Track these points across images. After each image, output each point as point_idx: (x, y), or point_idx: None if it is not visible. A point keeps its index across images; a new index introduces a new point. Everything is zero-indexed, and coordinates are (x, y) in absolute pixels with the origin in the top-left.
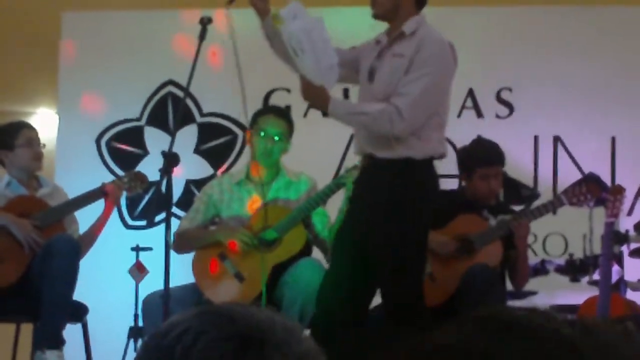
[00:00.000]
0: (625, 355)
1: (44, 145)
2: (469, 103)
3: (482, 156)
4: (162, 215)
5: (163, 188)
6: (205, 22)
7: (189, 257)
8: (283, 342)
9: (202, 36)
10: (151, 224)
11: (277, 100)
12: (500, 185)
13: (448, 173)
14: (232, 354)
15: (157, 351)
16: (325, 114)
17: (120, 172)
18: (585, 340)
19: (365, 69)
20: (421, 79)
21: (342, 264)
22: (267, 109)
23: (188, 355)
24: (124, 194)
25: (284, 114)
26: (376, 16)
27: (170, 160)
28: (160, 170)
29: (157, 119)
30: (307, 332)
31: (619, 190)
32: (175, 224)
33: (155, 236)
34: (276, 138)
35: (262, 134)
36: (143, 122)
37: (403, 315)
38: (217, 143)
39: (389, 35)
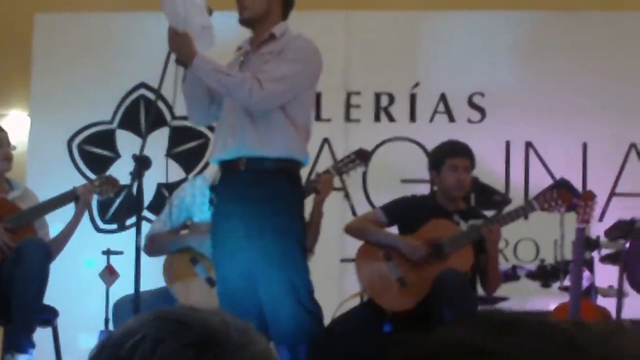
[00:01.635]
0: (624, 348)
1: (14, 147)
2: (441, 108)
3: (449, 148)
4: (134, 219)
5: (134, 191)
6: None
7: (159, 261)
8: (238, 345)
9: None
10: (122, 228)
11: None
12: (469, 181)
13: (420, 178)
14: None
15: None
16: (186, 66)
17: (91, 175)
18: (584, 334)
19: None
20: (286, 62)
21: None
22: None
23: None
24: (95, 197)
25: None
26: (244, 20)
27: (142, 163)
28: (131, 173)
29: (129, 122)
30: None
31: (590, 196)
32: (146, 227)
33: (126, 240)
34: None
35: None
36: (115, 125)
37: None
38: (189, 146)
39: (254, 42)
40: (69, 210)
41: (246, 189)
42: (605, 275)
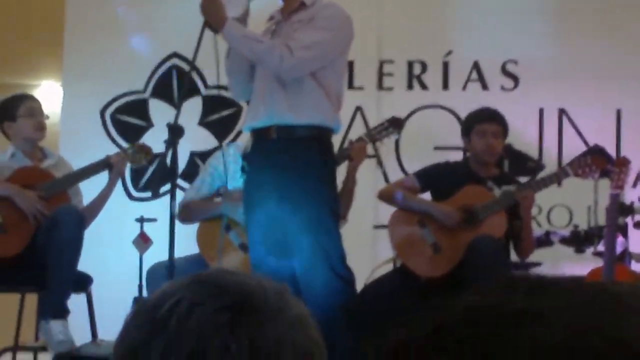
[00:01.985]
0: None
1: (47, 116)
2: (474, 76)
3: (478, 114)
4: (167, 187)
5: (168, 160)
6: None
7: (193, 228)
8: (275, 309)
9: None
10: (156, 196)
11: None
12: (500, 147)
13: (453, 145)
14: (228, 324)
15: (150, 324)
16: (217, 31)
17: (124, 144)
18: (630, 291)
19: None
20: (317, 29)
21: None
22: None
23: (183, 328)
24: (129, 165)
25: None
26: None
27: (176, 132)
28: (165, 142)
29: (162, 91)
30: None
31: (624, 162)
32: (179, 195)
33: (159, 207)
34: None
35: None
36: (147, 94)
37: None
38: (221, 115)
39: (284, 10)
40: (102, 178)
41: (278, 157)
42: (639, 240)
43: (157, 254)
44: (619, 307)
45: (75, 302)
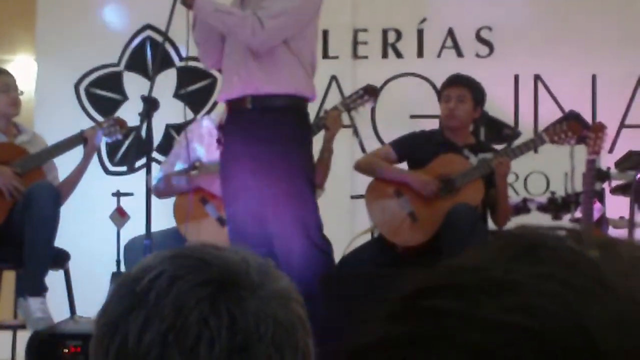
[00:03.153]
0: None
1: (22, 92)
2: (449, 43)
3: (447, 79)
4: (143, 161)
5: (143, 133)
6: None
7: (169, 202)
8: (258, 284)
9: None
10: (132, 170)
11: None
12: (465, 111)
13: (429, 114)
14: (208, 299)
15: (130, 296)
16: (189, 6)
17: (100, 118)
18: (612, 266)
19: None
20: None
21: None
22: None
23: (162, 301)
24: (104, 140)
25: None
26: None
27: (150, 104)
28: (140, 114)
29: (136, 64)
30: None
31: (600, 128)
32: (155, 169)
33: (136, 181)
34: None
35: None
36: (122, 67)
37: None
38: (196, 87)
39: None
40: (77, 153)
41: (253, 127)
42: (616, 206)
43: (134, 228)
44: (598, 287)
45: (53, 278)
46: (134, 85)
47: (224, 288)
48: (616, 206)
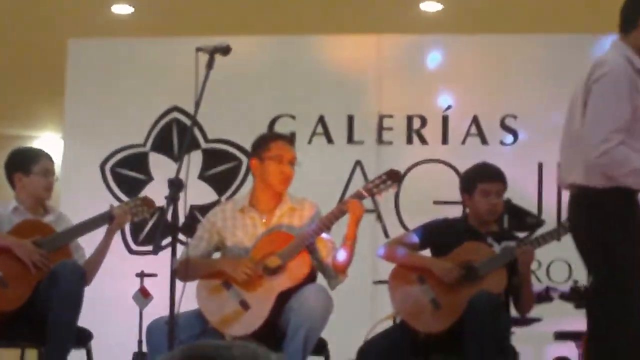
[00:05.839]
0: None
1: (57, 178)
2: (474, 130)
3: (482, 171)
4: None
5: (169, 216)
6: (212, 50)
7: (193, 284)
8: None
9: (209, 64)
10: (157, 250)
11: (281, 126)
12: (502, 206)
13: (452, 200)
14: None
15: None
16: None
17: (124, 198)
18: None
19: None
20: None
21: None
22: (277, 136)
23: None
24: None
25: (292, 141)
26: None
27: (177, 187)
28: (166, 197)
29: (162, 145)
30: (312, 359)
31: None
32: (179, 249)
33: (159, 262)
34: (292, 164)
35: (278, 159)
36: (148, 148)
37: None
38: (221, 169)
39: None
40: (100, 230)
41: None
42: None
43: (157, 309)
44: None
45: (75, 357)
46: (159, 166)
47: None
48: None
